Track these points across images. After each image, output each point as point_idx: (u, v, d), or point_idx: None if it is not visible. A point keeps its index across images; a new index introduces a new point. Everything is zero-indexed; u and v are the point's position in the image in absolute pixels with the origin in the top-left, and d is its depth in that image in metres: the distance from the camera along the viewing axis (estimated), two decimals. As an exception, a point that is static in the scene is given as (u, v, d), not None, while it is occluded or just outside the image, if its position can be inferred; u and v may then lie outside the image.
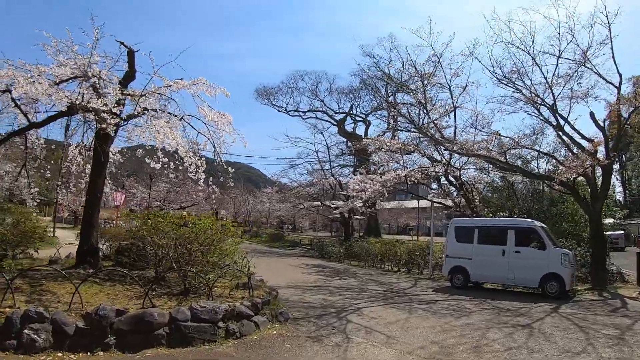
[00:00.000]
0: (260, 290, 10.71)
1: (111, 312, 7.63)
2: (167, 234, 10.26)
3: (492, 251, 16.19)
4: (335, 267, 24.35)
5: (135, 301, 8.74)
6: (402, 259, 23.41)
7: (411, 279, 19.24)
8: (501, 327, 9.89)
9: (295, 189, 45.94)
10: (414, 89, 21.24)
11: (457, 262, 16.92)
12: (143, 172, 51.01)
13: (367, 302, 12.85)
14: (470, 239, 16.81)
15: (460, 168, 23.78)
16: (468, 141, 20.73)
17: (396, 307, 12.00)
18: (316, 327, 9.41)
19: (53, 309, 7.88)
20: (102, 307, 7.66)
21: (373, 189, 24.39)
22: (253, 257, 26.59)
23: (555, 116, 19.05)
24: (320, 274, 19.97)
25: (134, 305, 8.48)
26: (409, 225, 74.19)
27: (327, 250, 31.45)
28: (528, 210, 23.27)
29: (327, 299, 12.98)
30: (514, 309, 12.32)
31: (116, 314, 7.72)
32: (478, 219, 19.19)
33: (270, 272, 19.26)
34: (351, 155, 47.61)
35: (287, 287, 15.01)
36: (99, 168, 12.49)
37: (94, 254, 11.99)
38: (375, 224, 51.45)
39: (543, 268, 15.10)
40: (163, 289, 10.16)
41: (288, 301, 12.16)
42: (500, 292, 16.23)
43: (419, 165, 25.43)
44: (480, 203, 24.24)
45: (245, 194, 76.39)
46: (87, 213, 12.25)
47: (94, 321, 7.44)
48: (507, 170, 22.00)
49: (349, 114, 53.83)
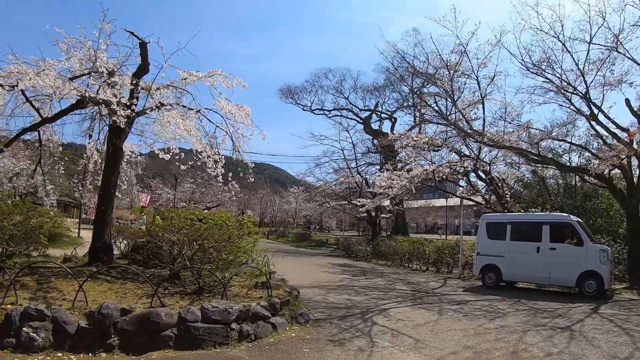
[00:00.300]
0: (280, 290, 10.09)
1: (115, 311, 7.11)
2: (180, 230, 9.69)
3: (526, 248, 15.28)
4: (362, 266, 23.61)
5: (145, 300, 8.23)
6: (430, 258, 22.59)
7: (440, 278, 18.41)
8: (539, 330, 9.05)
9: (320, 188, 45.25)
10: (440, 78, 20.28)
11: (489, 260, 16.04)
12: (169, 174, 51.25)
13: (394, 302, 12.09)
14: (502, 235, 15.90)
15: (490, 162, 22.84)
16: (498, 132, 19.74)
17: (425, 308, 11.20)
18: (339, 329, 8.71)
19: (57, 307, 7.46)
20: (106, 305, 7.15)
21: (400, 185, 23.60)
22: (278, 257, 26.50)
23: (589, 105, 18.03)
24: (346, 274, 19.29)
25: (143, 305, 7.97)
26: (437, 224, 73.13)
27: (353, 250, 30.78)
28: (561, 206, 22.22)
29: (352, 299, 12.27)
30: (550, 310, 11.44)
31: (121, 313, 7.21)
32: (510, 214, 18.21)
33: (294, 271, 18.83)
34: (377, 153, 46.74)
35: (310, 286, 14.39)
36: (112, 163, 12.09)
37: (107, 251, 11.57)
38: (403, 223, 50.46)
39: (580, 266, 14.16)
40: (177, 288, 9.66)
41: (310, 301, 11.50)
42: (534, 291, 15.34)
43: (447, 161, 24.54)
44: (511, 199, 23.25)
45: (271, 194, 76.27)
46: (100, 210, 11.84)
47: (97, 320, 6.96)
48: (539, 163, 20.97)
49: (375, 111, 52.85)
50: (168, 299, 8.64)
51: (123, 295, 8.75)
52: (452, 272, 20.74)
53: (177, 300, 8.56)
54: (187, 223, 9.73)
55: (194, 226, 9.70)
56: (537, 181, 25.94)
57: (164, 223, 9.92)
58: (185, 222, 9.77)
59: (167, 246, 9.91)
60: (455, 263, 21.17)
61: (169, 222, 9.93)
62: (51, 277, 9.73)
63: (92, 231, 12.20)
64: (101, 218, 11.80)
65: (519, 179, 27.02)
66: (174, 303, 8.32)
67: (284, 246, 42.69)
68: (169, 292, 9.29)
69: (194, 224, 9.74)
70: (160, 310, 7.31)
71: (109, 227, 11.95)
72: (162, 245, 9.96)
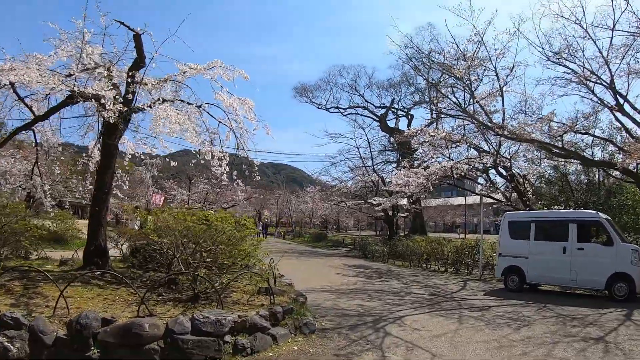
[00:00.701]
0: (284, 296, 9.31)
1: (95, 321, 6.41)
2: (173, 232, 8.96)
3: (551, 248, 14.29)
4: (378, 267, 22.71)
5: (134, 308, 7.50)
6: (449, 259, 21.65)
7: (459, 281, 17.47)
8: (570, 342, 8.09)
9: (336, 187, 44.40)
10: (457, 69, 19.23)
11: (512, 262, 15.06)
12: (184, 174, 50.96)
13: (410, 308, 11.18)
14: (526, 235, 14.92)
15: (510, 158, 21.81)
16: (520, 124, 18.66)
17: (444, 316, 10.25)
18: (347, 341, 7.86)
19: (37, 314, 6.85)
20: (85, 315, 6.45)
21: (417, 182, 22.65)
22: (292, 258, 25.85)
23: (615, 95, 16.99)
24: (360, 276, 18.42)
25: (130, 313, 7.27)
26: (456, 223, 71.87)
27: (369, 250, 29.87)
28: (585, 202, 21.08)
29: (365, 305, 11.39)
30: (580, 317, 10.45)
31: (102, 323, 6.52)
32: (534, 212, 17.11)
33: (305, 273, 18.13)
34: (394, 150, 45.80)
35: (321, 290, 13.59)
36: (106, 162, 11.39)
37: (101, 254, 10.87)
38: (421, 222, 49.45)
39: (610, 267, 13.15)
40: (173, 294, 8.94)
41: (319, 308, 10.69)
42: (560, 295, 14.37)
43: (465, 157, 23.55)
44: (533, 196, 22.21)
45: (288, 193, 75.81)
46: (94, 210, 11.14)
47: (75, 331, 6.28)
48: (563, 157, 19.89)
49: (390, 108, 51.84)
50: (160, 306, 7.93)
51: (111, 302, 8.07)
52: (472, 273, 19.79)
53: (169, 308, 7.83)
54: (181, 224, 8.97)
55: (188, 228, 8.94)
56: (559, 177, 24.81)
57: (155, 224, 9.20)
58: (179, 223, 9.01)
59: (161, 249, 9.19)
60: (475, 264, 20.23)
61: (162, 223, 9.20)
62: (40, 282, 9.08)
63: (87, 233, 11.55)
64: (95, 219, 11.11)
65: (540, 175, 25.89)
66: (164, 311, 7.60)
67: (300, 246, 41.95)
68: (163, 298, 8.59)
69: (188, 225, 8.99)
70: (144, 320, 6.57)
71: (104, 229, 11.25)
72: (155, 248, 9.24)
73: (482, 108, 19.52)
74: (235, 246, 9.39)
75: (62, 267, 12.09)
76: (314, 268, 21.24)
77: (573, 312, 11.00)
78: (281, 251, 32.78)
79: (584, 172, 24.59)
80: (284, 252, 32.22)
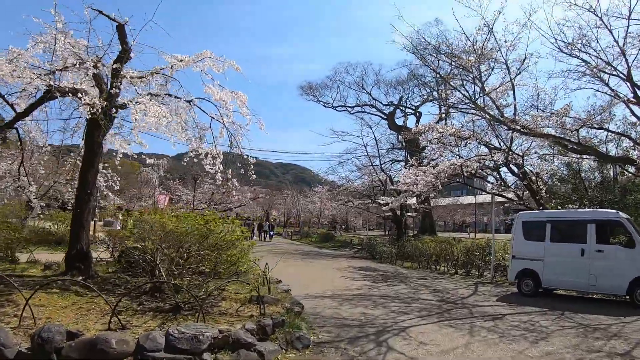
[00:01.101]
0: (278, 305, 8.55)
1: (58, 335, 5.73)
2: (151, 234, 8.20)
3: (569, 250, 13.36)
4: (385, 269, 21.81)
5: (113, 319, 6.77)
6: (459, 260, 20.74)
7: (470, 284, 16.59)
8: (595, 359, 7.25)
9: (343, 186, 43.52)
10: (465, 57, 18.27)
11: (526, 265, 14.15)
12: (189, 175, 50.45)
13: (417, 317, 10.28)
14: (541, 236, 13.99)
15: (523, 155, 20.86)
16: (534, 117, 17.65)
17: (453, 326, 9.35)
18: (344, 357, 7.03)
19: (4, 325, 6.30)
20: (47, 327, 5.80)
21: (426, 181, 21.76)
22: (296, 260, 25.07)
23: (633, 87, 16.01)
24: (366, 279, 17.55)
25: (103, 325, 6.55)
26: (465, 222, 70.75)
27: (377, 251, 28.90)
28: (600, 201, 20.07)
29: (368, 314, 10.53)
30: (602, 327, 9.57)
31: (67, 337, 5.82)
32: (550, 212, 16.06)
33: (307, 277, 17.39)
34: (402, 149, 44.85)
35: (322, 296, 12.77)
36: (89, 161, 10.71)
37: (83, 258, 10.17)
38: (430, 221, 48.48)
39: (632, 270, 12.20)
40: (156, 302, 8.21)
41: (318, 317, 9.87)
42: (578, 300, 13.47)
43: (475, 154, 22.63)
44: (547, 194, 21.25)
45: (295, 193, 75.09)
46: (76, 212, 10.43)
47: (37, 345, 5.59)
48: (578, 153, 18.88)
49: (399, 106, 50.89)
50: (138, 317, 7.21)
51: (86, 312, 7.39)
52: (483, 275, 18.89)
53: (148, 320, 7.11)
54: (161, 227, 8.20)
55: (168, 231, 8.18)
56: (572, 175, 23.81)
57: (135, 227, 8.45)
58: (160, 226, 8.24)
59: (142, 253, 8.44)
60: (486, 265, 19.34)
61: (145, 226, 8.44)
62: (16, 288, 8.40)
63: (69, 236, 10.83)
64: (77, 221, 10.40)
65: (552, 173, 24.88)
66: (141, 323, 6.88)
67: (306, 247, 41.12)
68: (144, 308, 7.86)
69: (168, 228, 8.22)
70: (111, 335, 5.85)
71: (86, 232, 10.53)
72: (137, 253, 8.49)
73: (493, 101, 18.58)
74: (224, 251, 8.61)
75: (45, 271, 11.44)
76: (318, 271, 20.41)
77: (594, 322, 10.11)
78: (287, 252, 32.14)
79: (598, 169, 23.63)
80: (289, 253, 31.59)
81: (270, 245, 38.81)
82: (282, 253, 30.61)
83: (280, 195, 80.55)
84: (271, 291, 9.88)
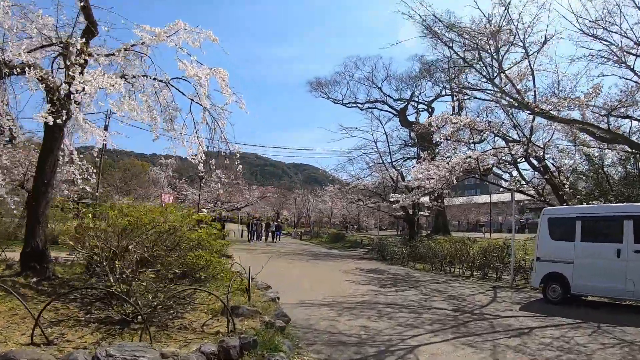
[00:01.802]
0: (255, 318, 7.04)
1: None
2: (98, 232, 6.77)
3: (602, 251, 11.70)
4: (396, 272, 20.21)
5: (48, 330, 5.44)
6: (475, 262, 19.11)
7: (488, 288, 14.96)
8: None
9: (352, 184, 41.86)
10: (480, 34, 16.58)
11: (553, 268, 12.49)
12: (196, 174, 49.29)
13: (428, 332, 8.64)
14: (570, 235, 12.31)
15: (544, 147, 19.17)
16: (560, 98, 15.78)
17: (473, 345, 7.67)
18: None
19: None
20: None
21: (439, 175, 20.13)
22: (302, 261, 23.59)
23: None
24: (373, 283, 15.96)
25: (27, 338, 5.24)
26: (480, 222, 68.79)
27: (388, 251, 27.34)
28: (627, 197, 18.28)
29: (370, 327, 8.90)
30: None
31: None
32: (580, 207, 14.09)
33: (310, 280, 16.10)
34: (414, 147, 43.16)
35: (320, 304, 11.22)
36: (48, 147, 9.36)
37: (39, 258, 8.82)
38: (444, 221, 46.74)
39: (676, 274, 10.52)
40: (107, 311, 6.80)
41: (309, 331, 8.33)
42: (613, 309, 11.86)
43: (492, 147, 20.98)
44: (570, 190, 19.53)
45: (306, 193, 73.73)
46: (31, 205, 9.08)
47: None
48: (607, 142, 17.06)
49: (410, 101, 49.25)
50: (77, 329, 6.02)
51: (20, 320, 6.38)
52: (502, 278, 17.26)
53: (86, 333, 5.81)
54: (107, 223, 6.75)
55: (109, 225, 6.74)
56: (594, 170, 22.05)
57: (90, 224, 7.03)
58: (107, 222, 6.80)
59: (90, 253, 7.05)
60: (504, 267, 17.70)
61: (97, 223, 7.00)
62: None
63: (25, 232, 9.46)
64: (33, 215, 9.05)
65: (573, 168, 23.11)
66: (76, 338, 5.58)
67: (315, 248, 39.63)
68: (90, 318, 6.52)
69: (115, 222, 6.77)
70: (21, 354, 4.45)
71: (43, 228, 9.15)
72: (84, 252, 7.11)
73: (510, 82, 16.78)
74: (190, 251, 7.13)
75: (5, 271, 10.09)
76: (323, 273, 18.87)
77: (637, 336, 8.50)
78: (293, 253, 30.74)
79: (621, 163, 21.89)
80: (296, 253, 30.16)
81: (277, 246, 37.46)
82: (287, 254, 29.24)
83: (291, 195, 79.25)
84: (252, 300, 8.39)
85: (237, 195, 48.08)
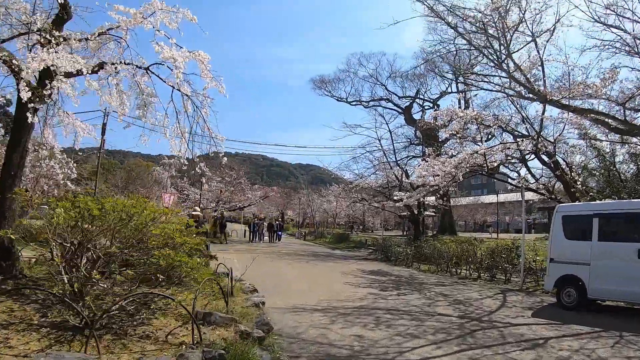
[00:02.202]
0: (230, 327, 6.15)
1: None
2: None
3: (622, 251, 10.65)
4: (399, 273, 19.22)
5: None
6: (483, 263, 18.15)
7: (497, 292, 13.98)
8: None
9: (355, 183, 40.93)
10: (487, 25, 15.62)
11: (568, 270, 11.48)
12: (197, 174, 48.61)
13: (431, 343, 7.64)
14: (586, 234, 11.31)
15: (555, 141, 18.17)
16: (574, 83, 14.71)
17: (480, 359, 6.73)
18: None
19: None
20: None
21: (445, 172, 19.19)
22: (302, 262, 22.70)
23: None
24: (374, 286, 15.00)
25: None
26: (487, 222, 67.72)
27: (392, 252, 26.36)
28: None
29: (365, 337, 7.93)
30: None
31: None
32: (597, 203, 13.23)
33: (307, 282, 15.34)
34: (419, 145, 42.22)
35: (313, 309, 10.29)
36: (16, 137, 8.59)
37: (4, 255, 8.04)
38: (450, 221, 45.71)
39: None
40: (69, 314, 5.94)
41: (295, 341, 7.37)
42: (633, 313, 11.00)
43: (500, 142, 20.00)
44: (583, 187, 18.54)
45: (311, 193, 73.06)
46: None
47: None
48: (624, 133, 15.99)
49: (416, 98, 48.31)
50: (24, 335, 5.45)
51: None
52: (510, 280, 16.29)
53: (33, 340, 5.03)
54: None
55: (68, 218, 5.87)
56: (605, 167, 21.08)
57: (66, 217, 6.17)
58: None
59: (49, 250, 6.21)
60: (513, 269, 16.74)
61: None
62: None
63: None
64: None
65: (584, 165, 22.15)
66: (20, 344, 4.87)
67: (318, 248, 38.69)
68: (45, 322, 5.71)
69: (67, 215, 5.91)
70: None
71: (9, 223, 8.32)
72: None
73: (519, 68, 15.73)
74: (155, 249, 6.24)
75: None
76: (321, 274, 17.94)
77: (666, 347, 7.55)
78: (294, 253, 29.84)
79: (632, 160, 20.92)
80: (297, 254, 29.25)
81: (279, 247, 36.57)
82: (287, 254, 28.38)
83: (295, 195, 78.58)
84: (231, 305, 7.47)
85: (239, 195, 47.21)
